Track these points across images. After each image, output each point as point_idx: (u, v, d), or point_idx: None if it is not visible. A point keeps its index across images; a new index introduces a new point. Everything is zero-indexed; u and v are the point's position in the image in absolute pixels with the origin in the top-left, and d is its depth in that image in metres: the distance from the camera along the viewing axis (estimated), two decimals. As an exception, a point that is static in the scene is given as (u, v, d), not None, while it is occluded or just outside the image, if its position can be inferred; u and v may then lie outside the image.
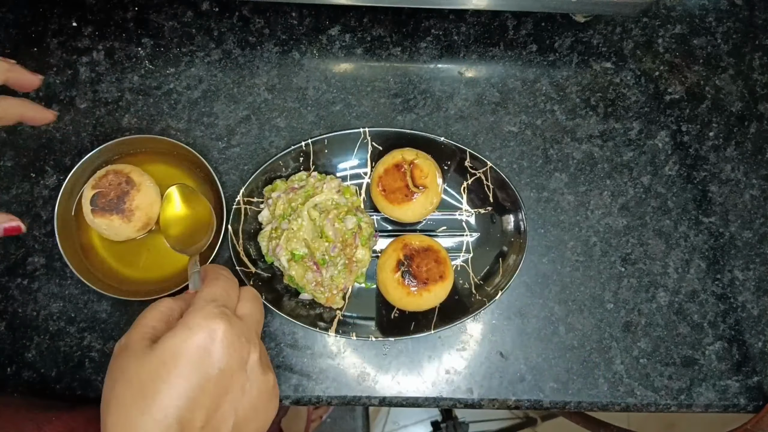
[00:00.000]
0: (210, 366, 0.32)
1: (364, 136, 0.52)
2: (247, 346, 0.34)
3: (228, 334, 0.33)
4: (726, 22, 0.58)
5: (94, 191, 0.47)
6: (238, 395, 0.33)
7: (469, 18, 0.57)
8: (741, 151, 0.56)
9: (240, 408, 0.33)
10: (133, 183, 0.47)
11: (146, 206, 0.48)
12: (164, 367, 0.31)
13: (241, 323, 0.35)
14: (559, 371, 0.51)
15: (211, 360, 0.32)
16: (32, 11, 0.55)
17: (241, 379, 0.33)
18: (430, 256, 0.48)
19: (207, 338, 0.32)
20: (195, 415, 0.31)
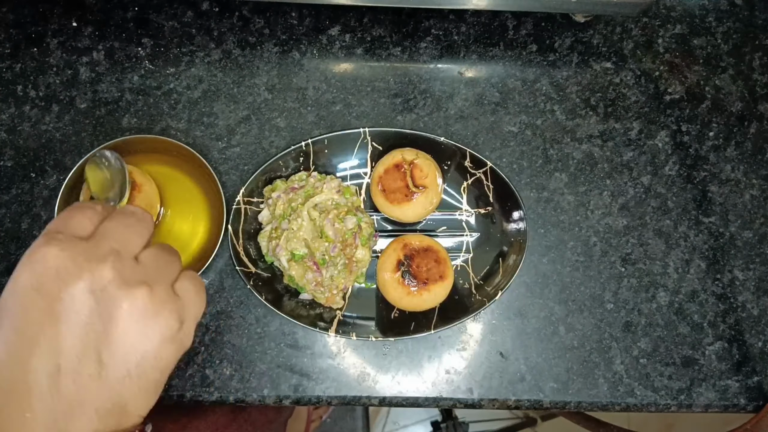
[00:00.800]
0: (43, 304, 0.27)
1: (364, 136, 0.52)
2: (88, 265, 0.28)
3: (56, 261, 0.28)
4: (726, 22, 0.58)
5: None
6: (94, 326, 0.28)
7: (469, 18, 0.57)
8: (741, 151, 0.56)
9: (111, 336, 0.28)
10: (134, 182, 0.47)
11: (146, 206, 0.48)
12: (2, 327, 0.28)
13: (80, 243, 0.29)
14: (559, 371, 0.51)
15: (41, 297, 0.27)
16: (32, 11, 0.55)
17: (92, 305, 0.28)
18: (430, 256, 0.48)
19: (32, 274, 0.28)
20: (51, 362, 0.27)
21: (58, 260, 0.28)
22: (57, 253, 0.28)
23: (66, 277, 0.28)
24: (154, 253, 0.32)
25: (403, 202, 0.49)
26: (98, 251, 0.29)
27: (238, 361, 0.50)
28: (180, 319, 0.30)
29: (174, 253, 0.33)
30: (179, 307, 0.30)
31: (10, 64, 0.54)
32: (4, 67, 0.54)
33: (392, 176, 0.49)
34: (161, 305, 0.29)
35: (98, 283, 0.28)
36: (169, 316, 0.30)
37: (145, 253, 0.31)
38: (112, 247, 0.29)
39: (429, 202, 0.49)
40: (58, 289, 0.27)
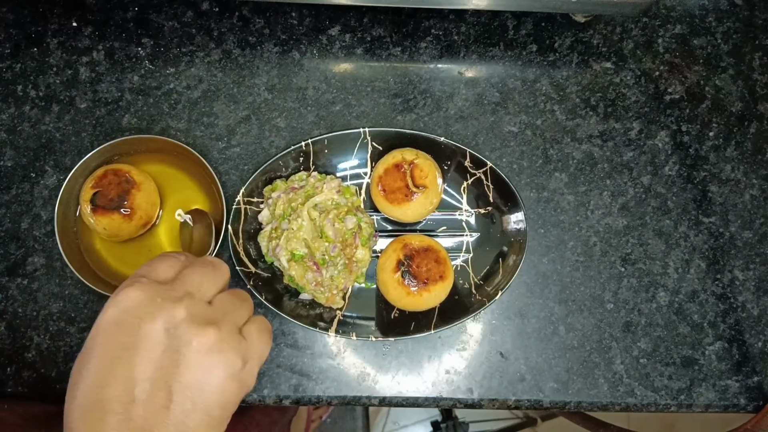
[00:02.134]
0: (122, 338, 0.30)
1: (364, 136, 0.52)
2: (164, 305, 0.31)
3: (137, 301, 0.31)
4: (726, 22, 0.58)
5: (93, 190, 0.47)
6: (167, 360, 0.30)
7: (469, 18, 0.57)
8: (741, 151, 0.56)
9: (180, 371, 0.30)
10: (134, 182, 0.48)
11: (147, 205, 0.48)
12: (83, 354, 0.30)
13: (159, 286, 0.32)
14: (559, 371, 0.51)
15: (121, 331, 0.30)
16: (32, 11, 0.55)
17: (165, 341, 0.30)
18: (430, 256, 0.48)
19: (115, 311, 0.30)
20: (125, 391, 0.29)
21: (137, 299, 0.31)
22: (138, 293, 0.31)
23: (143, 315, 0.30)
24: (225, 297, 0.34)
25: (403, 202, 0.49)
26: (174, 293, 0.32)
27: (238, 361, 0.50)
28: (244, 358, 0.32)
29: (246, 299, 0.36)
30: (244, 348, 0.33)
31: (10, 64, 0.54)
32: (4, 67, 0.54)
33: (392, 176, 0.49)
34: (226, 344, 0.32)
35: (172, 321, 0.31)
36: (234, 355, 0.32)
37: (218, 297, 0.34)
38: (187, 290, 0.32)
39: (429, 202, 0.49)
40: (136, 324, 0.30)
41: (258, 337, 0.34)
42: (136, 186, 0.48)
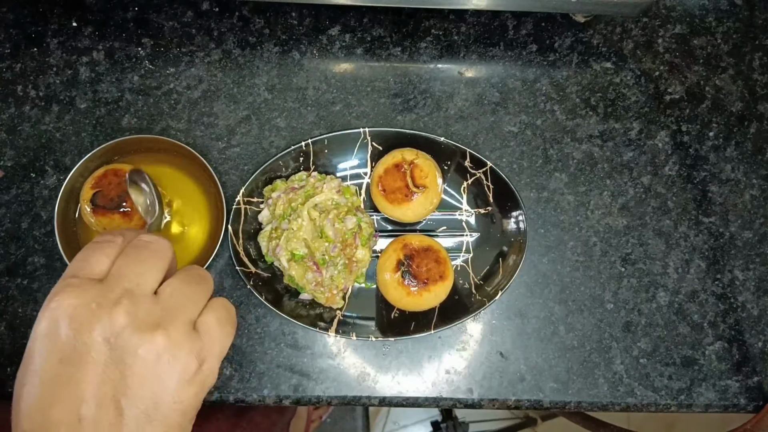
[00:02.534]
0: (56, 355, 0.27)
1: (364, 136, 0.52)
2: (99, 311, 0.28)
3: (69, 309, 0.27)
4: (726, 22, 0.58)
5: (93, 190, 0.47)
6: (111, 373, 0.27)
7: (469, 18, 0.57)
8: (741, 151, 0.56)
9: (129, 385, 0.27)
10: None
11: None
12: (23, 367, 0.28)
13: (94, 287, 0.29)
14: (559, 371, 0.51)
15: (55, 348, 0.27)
16: (32, 11, 0.55)
17: (107, 353, 0.27)
18: (430, 256, 0.48)
19: (48, 322, 0.28)
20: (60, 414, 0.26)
21: (71, 308, 0.28)
22: (71, 301, 0.28)
23: (80, 327, 0.27)
24: (174, 286, 0.31)
25: (403, 202, 0.49)
26: (111, 294, 0.28)
27: (238, 361, 0.50)
28: (199, 359, 0.30)
29: (200, 280, 0.32)
30: (198, 348, 0.30)
31: (10, 64, 0.54)
32: (4, 67, 0.54)
33: (392, 176, 0.49)
34: (177, 348, 0.29)
35: (112, 329, 0.28)
36: (187, 358, 0.29)
37: (165, 286, 0.31)
38: (125, 287, 0.29)
39: (429, 202, 0.49)
40: (73, 338, 0.27)
41: (217, 328, 0.31)
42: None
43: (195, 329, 0.30)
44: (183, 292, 0.31)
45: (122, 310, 0.28)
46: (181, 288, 0.31)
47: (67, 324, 0.27)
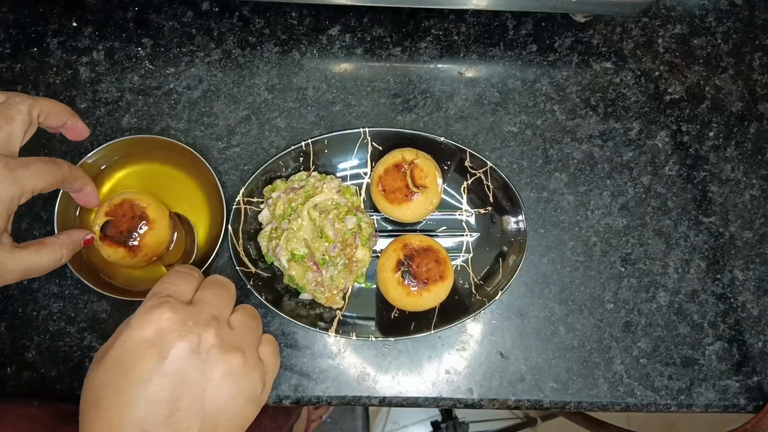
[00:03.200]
0: (155, 358, 0.31)
1: (364, 136, 0.52)
2: (195, 329, 0.32)
3: (169, 322, 0.32)
4: (726, 22, 0.58)
5: (106, 218, 0.46)
6: (197, 381, 0.31)
7: (469, 18, 0.57)
8: (741, 151, 0.56)
9: (205, 394, 0.32)
10: (148, 219, 0.46)
11: (155, 244, 0.47)
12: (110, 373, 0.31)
13: (188, 308, 0.33)
14: (559, 371, 0.51)
15: (155, 352, 0.31)
16: (32, 11, 0.55)
17: (197, 365, 0.31)
18: (430, 256, 0.48)
19: (149, 330, 0.31)
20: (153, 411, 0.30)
21: (170, 321, 0.32)
22: (170, 315, 0.32)
23: (177, 338, 0.31)
24: (242, 319, 0.36)
25: (403, 202, 0.49)
26: (203, 317, 0.33)
27: (238, 361, 0.50)
28: (263, 381, 0.34)
29: (256, 317, 0.38)
30: (263, 372, 0.35)
31: (10, 64, 0.54)
32: (4, 67, 0.54)
33: (392, 176, 0.49)
34: (250, 370, 0.34)
35: (204, 345, 0.32)
36: (256, 380, 0.34)
37: (234, 319, 0.36)
38: (212, 314, 0.34)
39: (429, 202, 0.49)
40: (169, 347, 0.31)
41: (273, 358, 0.36)
42: (149, 224, 0.46)
43: (260, 358, 0.35)
44: (248, 324, 0.36)
45: (212, 331, 0.33)
46: (246, 321, 0.36)
47: (166, 335, 0.31)
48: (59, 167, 0.38)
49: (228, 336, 0.34)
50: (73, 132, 0.42)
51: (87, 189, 0.43)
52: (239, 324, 0.35)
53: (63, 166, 0.38)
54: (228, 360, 0.32)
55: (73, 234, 0.42)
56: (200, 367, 0.32)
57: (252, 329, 0.36)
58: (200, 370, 0.32)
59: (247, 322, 0.36)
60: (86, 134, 0.43)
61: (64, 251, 0.40)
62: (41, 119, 0.38)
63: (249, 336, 0.35)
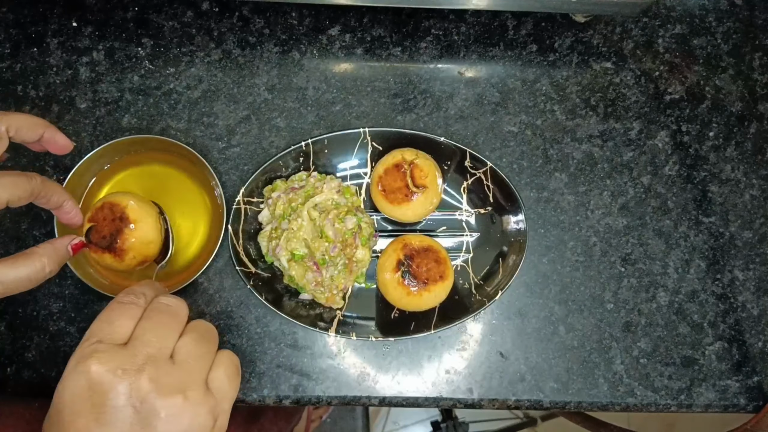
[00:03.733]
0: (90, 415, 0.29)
1: (364, 136, 0.52)
2: (126, 377, 0.30)
3: (98, 375, 0.30)
4: (726, 22, 0.58)
5: (89, 224, 0.44)
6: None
7: (469, 18, 0.57)
8: (741, 151, 0.56)
9: None
10: (128, 220, 0.44)
11: (141, 246, 0.44)
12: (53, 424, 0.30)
13: (119, 353, 0.31)
14: (559, 371, 0.51)
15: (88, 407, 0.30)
16: (32, 11, 0.55)
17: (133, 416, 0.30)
18: (430, 256, 0.48)
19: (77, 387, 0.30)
20: None
21: (98, 375, 0.30)
22: (98, 368, 0.30)
23: (108, 390, 0.30)
24: (188, 348, 0.33)
25: (403, 202, 0.49)
26: (135, 359, 0.31)
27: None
28: (214, 415, 0.32)
29: (209, 339, 0.35)
30: (213, 405, 0.32)
31: (10, 64, 0.54)
32: (4, 67, 0.54)
33: (392, 176, 0.49)
34: (196, 409, 0.31)
35: (137, 394, 0.30)
36: (205, 416, 0.32)
37: (180, 347, 0.33)
38: (147, 353, 0.31)
39: (429, 202, 0.49)
40: (101, 401, 0.30)
41: (226, 383, 0.34)
42: (130, 225, 0.44)
43: (208, 387, 0.33)
44: (196, 353, 0.33)
45: (146, 377, 0.30)
46: (194, 349, 0.33)
47: (96, 390, 0.30)
48: (29, 180, 0.37)
49: (166, 376, 0.31)
50: (54, 145, 0.41)
51: (66, 206, 0.41)
52: (184, 355, 0.33)
53: (34, 179, 0.37)
54: (167, 405, 0.30)
55: (56, 242, 0.40)
56: (138, 419, 0.30)
57: (199, 357, 0.33)
58: (139, 422, 0.30)
59: (194, 350, 0.33)
60: (69, 147, 0.41)
61: (44, 260, 0.37)
62: (12, 134, 0.37)
63: (195, 367, 0.33)
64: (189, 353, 0.33)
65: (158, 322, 0.33)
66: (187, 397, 0.31)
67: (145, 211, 0.45)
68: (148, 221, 0.45)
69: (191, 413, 0.31)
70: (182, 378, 0.32)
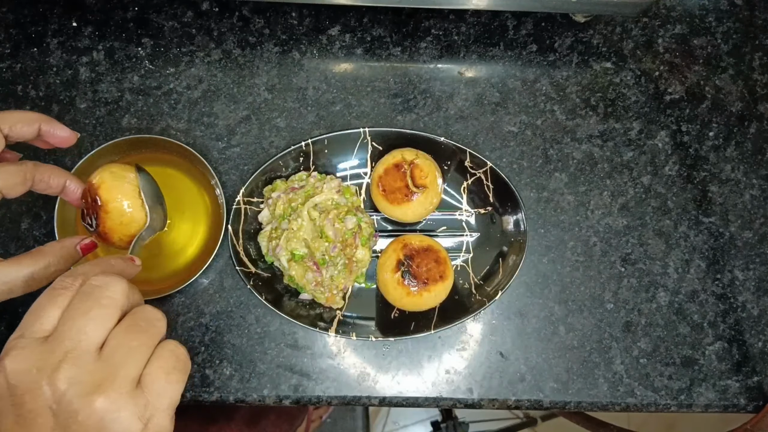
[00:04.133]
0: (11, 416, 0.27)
1: (364, 136, 0.52)
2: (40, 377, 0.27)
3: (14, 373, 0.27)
4: (726, 22, 0.58)
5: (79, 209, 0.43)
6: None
7: (469, 18, 0.57)
8: (741, 151, 0.56)
9: None
10: (102, 202, 0.41)
11: (121, 227, 0.42)
12: None
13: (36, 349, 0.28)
14: (559, 371, 0.51)
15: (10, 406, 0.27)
16: (32, 11, 0.55)
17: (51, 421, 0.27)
18: (430, 256, 0.48)
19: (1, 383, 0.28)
20: None
21: (14, 375, 0.27)
22: (13, 366, 0.28)
23: (24, 392, 0.27)
24: (118, 339, 0.29)
25: (403, 202, 0.49)
26: (52, 357, 0.28)
27: (238, 361, 0.50)
28: (144, 419, 0.28)
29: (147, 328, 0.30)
30: (141, 407, 0.28)
31: (10, 64, 0.54)
32: (4, 67, 0.54)
33: (392, 176, 0.49)
34: (117, 411, 0.28)
35: (53, 396, 0.27)
36: (129, 419, 0.28)
37: (110, 338, 0.29)
38: (65, 348, 0.28)
39: (429, 202, 0.49)
40: (20, 402, 0.27)
41: (163, 379, 0.29)
42: (104, 208, 0.41)
43: (139, 385, 0.29)
44: (126, 344, 0.29)
45: (62, 376, 0.27)
46: (124, 340, 0.29)
47: (13, 390, 0.27)
48: (20, 165, 0.36)
49: (86, 374, 0.27)
50: (55, 138, 0.39)
51: (71, 186, 0.39)
52: (111, 349, 0.29)
53: (25, 164, 0.36)
54: (86, 405, 0.27)
55: (65, 242, 0.38)
56: (57, 422, 0.27)
57: (130, 350, 0.29)
58: (59, 425, 0.27)
59: (124, 341, 0.29)
60: (72, 138, 0.39)
61: (49, 259, 0.36)
62: (7, 131, 0.36)
63: (123, 362, 0.29)
64: (117, 346, 0.29)
65: (82, 309, 0.29)
66: (108, 397, 0.27)
67: (117, 188, 0.41)
68: (121, 199, 0.41)
69: (111, 416, 0.27)
70: (104, 375, 0.28)
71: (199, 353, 0.50)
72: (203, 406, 0.53)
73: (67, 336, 0.28)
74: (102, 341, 0.29)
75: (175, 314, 0.50)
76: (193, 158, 0.49)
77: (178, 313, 0.50)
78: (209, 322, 0.50)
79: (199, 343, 0.50)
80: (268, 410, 0.72)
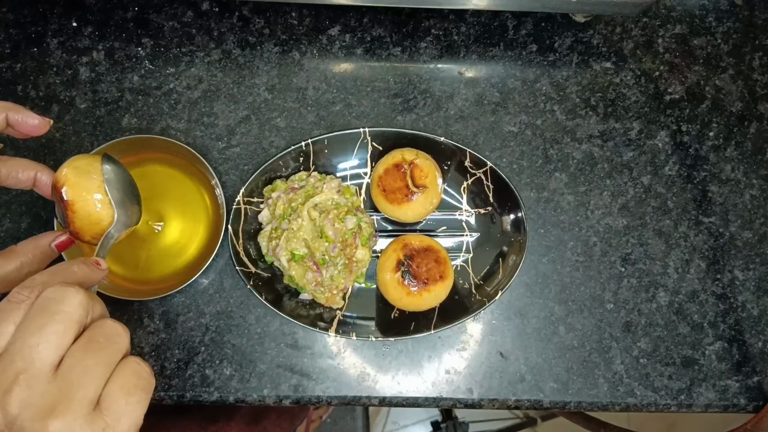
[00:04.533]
0: None
1: (364, 136, 0.52)
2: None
3: None
4: (726, 22, 0.58)
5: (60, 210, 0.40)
6: None
7: (469, 18, 0.57)
8: (741, 151, 0.56)
9: None
10: (67, 201, 0.37)
11: (89, 226, 0.38)
12: None
13: None
14: (559, 371, 0.51)
15: None
16: (32, 11, 0.55)
17: None
18: (430, 256, 0.48)
19: None
20: None
21: None
22: None
23: None
24: (74, 357, 0.27)
25: (403, 202, 0.49)
26: (4, 378, 0.26)
27: (238, 361, 0.50)
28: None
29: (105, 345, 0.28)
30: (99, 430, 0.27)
31: (10, 64, 0.54)
32: (4, 67, 0.54)
33: (392, 176, 0.49)
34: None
35: (5, 420, 0.25)
36: None
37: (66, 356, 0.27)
38: (17, 368, 0.26)
39: (429, 202, 0.49)
40: None
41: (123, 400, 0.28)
42: (71, 207, 0.37)
43: (98, 406, 0.27)
44: (83, 363, 0.27)
45: (13, 399, 0.25)
46: (81, 359, 0.27)
47: None
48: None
49: (39, 396, 0.26)
50: (26, 126, 0.36)
51: (42, 178, 0.37)
52: (68, 367, 0.27)
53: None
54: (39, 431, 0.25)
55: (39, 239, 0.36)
56: None
57: (87, 369, 0.27)
58: None
59: (81, 360, 0.27)
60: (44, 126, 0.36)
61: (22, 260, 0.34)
62: None
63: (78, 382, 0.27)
64: (74, 364, 0.27)
65: (36, 324, 0.27)
66: (63, 421, 0.26)
67: (82, 185, 0.38)
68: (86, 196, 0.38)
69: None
70: (59, 397, 0.26)
71: (199, 353, 0.50)
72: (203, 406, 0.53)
73: (19, 355, 0.26)
74: (57, 360, 0.27)
75: (175, 314, 0.50)
76: (193, 158, 0.49)
77: (178, 313, 0.50)
78: (209, 322, 0.50)
79: (199, 343, 0.50)
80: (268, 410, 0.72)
